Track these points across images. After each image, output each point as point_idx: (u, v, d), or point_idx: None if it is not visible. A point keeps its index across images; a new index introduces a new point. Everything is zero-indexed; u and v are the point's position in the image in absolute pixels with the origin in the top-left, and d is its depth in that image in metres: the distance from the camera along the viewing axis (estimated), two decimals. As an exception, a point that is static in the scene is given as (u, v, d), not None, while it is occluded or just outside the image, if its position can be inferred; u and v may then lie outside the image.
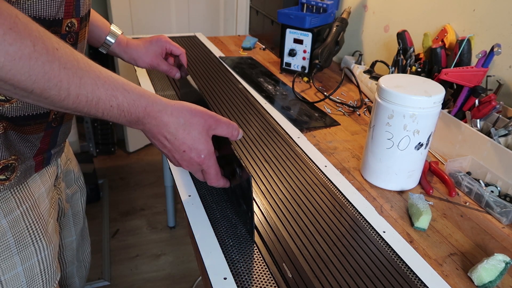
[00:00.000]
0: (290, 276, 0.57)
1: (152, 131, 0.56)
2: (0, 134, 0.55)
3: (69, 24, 0.57)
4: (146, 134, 0.58)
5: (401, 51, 1.09)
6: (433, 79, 0.93)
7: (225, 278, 0.56)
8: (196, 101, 0.65)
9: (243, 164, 0.59)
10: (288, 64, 1.36)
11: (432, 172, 0.86)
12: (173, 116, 0.56)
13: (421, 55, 1.08)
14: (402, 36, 1.10)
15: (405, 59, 1.07)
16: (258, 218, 0.68)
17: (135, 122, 0.54)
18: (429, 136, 0.74)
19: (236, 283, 0.56)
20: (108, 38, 0.88)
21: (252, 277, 0.57)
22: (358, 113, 1.11)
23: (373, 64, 1.25)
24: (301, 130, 0.98)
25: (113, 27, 0.89)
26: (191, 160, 0.59)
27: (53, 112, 0.61)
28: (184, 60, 0.94)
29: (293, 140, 0.93)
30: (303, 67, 1.33)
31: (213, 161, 0.61)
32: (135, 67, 1.32)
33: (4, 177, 0.57)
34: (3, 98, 0.54)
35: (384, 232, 0.67)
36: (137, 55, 0.92)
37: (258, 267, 0.59)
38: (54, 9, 0.53)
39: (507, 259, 0.59)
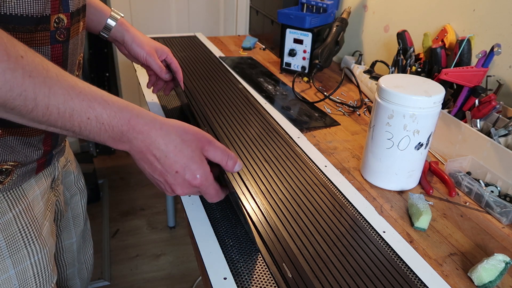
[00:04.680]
0: (290, 276, 0.57)
1: (140, 148, 0.51)
2: None
3: (56, 20, 0.54)
4: (134, 154, 0.53)
5: (401, 51, 1.09)
6: (433, 79, 0.93)
7: (225, 278, 0.56)
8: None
9: (233, 190, 0.56)
10: (288, 64, 1.36)
11: (432, 172, 0.86)
12: (163, 131, 0.51)
13: (421, 55, 1.08)
14: (402, 36, 1.10)
15: (405, 59, 1.07)
16: (258, 218, 0.68)
17: (119, 139, 0.50)
18: (429, 136, 0.74)
19: (236, 283, 0.56)
20: (109, 20, 0.85)
21: (252, 277, 0.57)
22: (358, 113, 1.11)
23: (373, 64, 1.25)
24: (301, 130, 0.98)
25: (114, 11, 0.87)
26: (185, 183, 0.54)
27: None
28: (180, 78, 0.93)
29: (293, 140, 0.93)
30: (303, 67, 1.33)
31: (210, 181, 0.56)
32: (135, 67, 1.32)
33: None
34: None
35: (384, 232, 0.67)
36: (138, 40, 0.88)
37: (258, 267, 0.59)
38: (41, 5, 0.51)
39: (507, 259, 0.59)
